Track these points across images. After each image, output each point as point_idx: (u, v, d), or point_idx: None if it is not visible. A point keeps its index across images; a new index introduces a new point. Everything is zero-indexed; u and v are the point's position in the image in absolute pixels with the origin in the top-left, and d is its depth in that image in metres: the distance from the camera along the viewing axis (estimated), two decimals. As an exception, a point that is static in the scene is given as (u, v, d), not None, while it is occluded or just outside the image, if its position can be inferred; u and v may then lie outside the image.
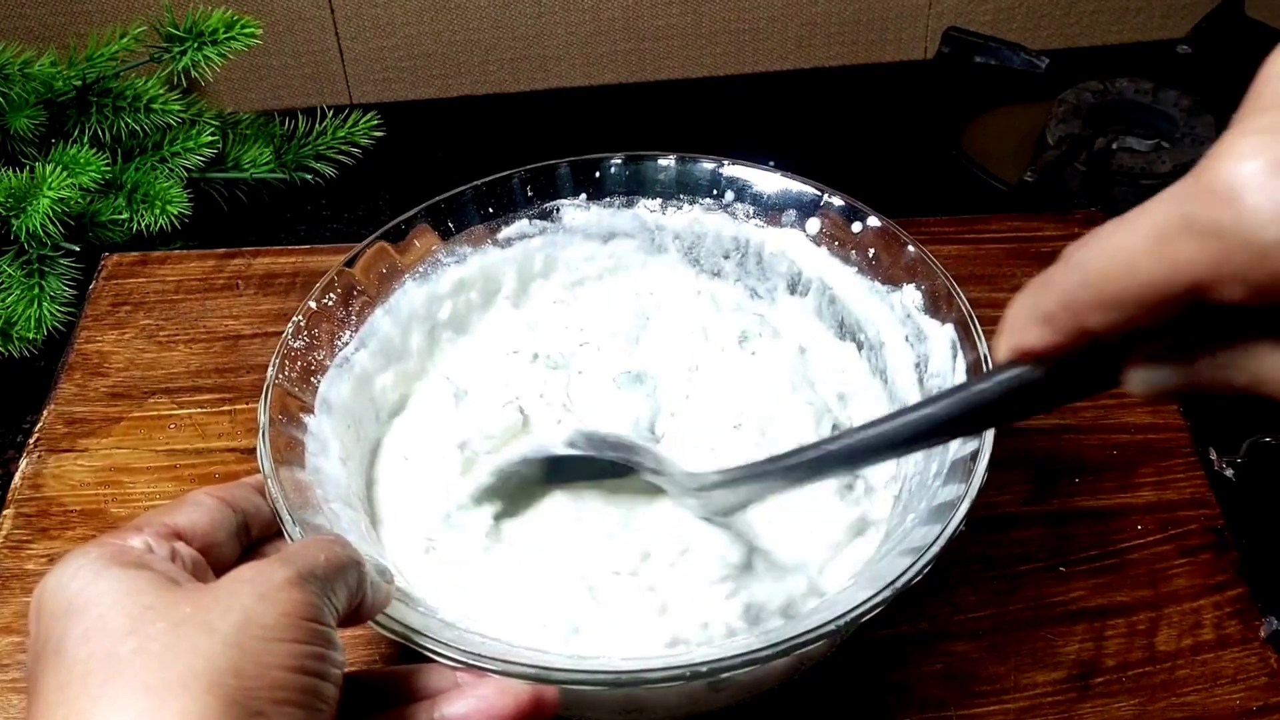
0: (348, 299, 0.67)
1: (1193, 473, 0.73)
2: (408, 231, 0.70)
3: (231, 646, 0.42)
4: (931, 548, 0.53)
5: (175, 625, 0.42)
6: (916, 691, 0.63)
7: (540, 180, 0.74)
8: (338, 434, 0.63)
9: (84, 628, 0.43)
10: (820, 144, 1.10)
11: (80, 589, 0.44)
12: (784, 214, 0.73)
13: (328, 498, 0.59)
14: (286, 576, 0.45)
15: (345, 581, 0.48)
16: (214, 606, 0.43)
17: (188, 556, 0.49)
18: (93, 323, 0.83)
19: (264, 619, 0.43)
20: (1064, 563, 0.68)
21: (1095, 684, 0.63)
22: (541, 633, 0.57)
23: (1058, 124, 1.03)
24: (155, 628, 0.42)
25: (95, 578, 0.45)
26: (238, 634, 0.42)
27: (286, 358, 0.63)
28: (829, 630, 0.51)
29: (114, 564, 0.45)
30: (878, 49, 1.18)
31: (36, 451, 0.75)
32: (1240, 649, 0.65)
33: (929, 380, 0.65)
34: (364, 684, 0.51)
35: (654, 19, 1.14)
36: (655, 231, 0.76)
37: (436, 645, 0.51)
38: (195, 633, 0.42)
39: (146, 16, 0.97)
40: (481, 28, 1.13)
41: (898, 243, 0.69)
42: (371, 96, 1.16)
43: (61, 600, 0.44)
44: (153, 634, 0.42)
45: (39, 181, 0.86)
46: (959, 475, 0.57)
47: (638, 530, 0.61)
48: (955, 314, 0.64)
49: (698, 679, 0.50)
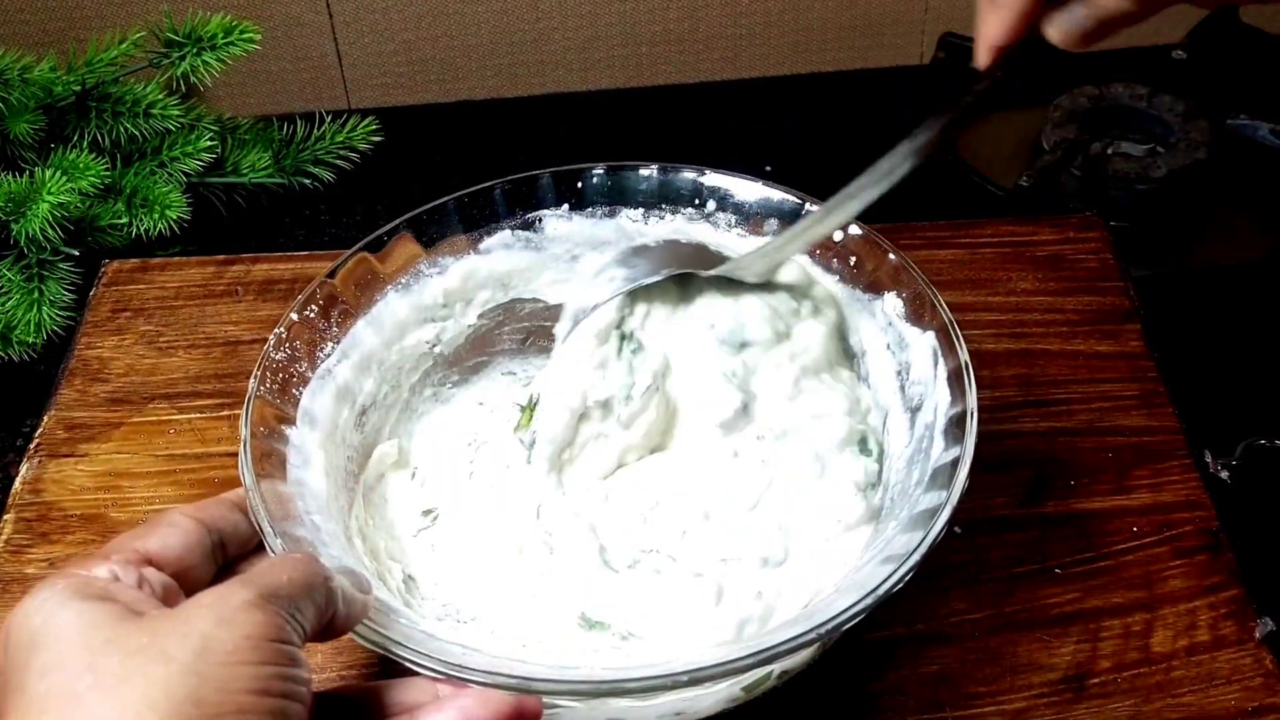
0: (329, 310, 0.67)
1: (1188, 475, 0.73)
2: (389, 242, 0.70)
3: (190, 674, 0.42)
4: (912, 555, 0.53)
5: (130, 656, 0.42)
6: (912, 694, 0.64)
7: (522, 191, 0.73)
8: (321, 444, 0.63)
9: (43, 663, 0.43)
10: (816, 149, 1.10)
11: (42, 623, 0.44)
12: (765, 223, 0.73)
13: (309, 510, 0.59)
14: (247, 598, 0.45)
15: (312, 598, 0.47)
16: (170, 634, 0.43)
17: (157, 582, 0.49)
18: (93, 329, 0.84)
19: (224, 644, 0.43)
20: (1059, 564, 0.69)
21: (1091, 685, 0.64)
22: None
23: (1053, 129, 1.03)
24: (111, 661, 0.42)
25: (58, 610, 0.44)
26: (195, 661, 0.42)
27: (268, 370, 0.63)
28: (809, 639, 0.51)
29: (76, 597, 0.45)
30: (874, 54, 1.18)
31: (37, 456, 0.76)
32: (1236, 650, 0.65)
33: (910, 388, 0.65)
34: (340, 700, 0.51)
35: (650, 25, 1.14)
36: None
37: (416, 656, 0.51)
38: (150, 663, 0.42)
39: (146, 22, 0.97)
40: (479, 33, 1.13)
41: (879, 250, 0.69)
42: (370, 101, 1.17)
43: (25, 634, 0.44)
44: (108, 667, 0.42)
45: (39, 186, 0.87)
46: (940, 483, 0.57)
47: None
48: (936, 321, 0.65)
49: (678, 688, 0.50)
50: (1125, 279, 0.83)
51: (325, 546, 0.56)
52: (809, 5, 1.14)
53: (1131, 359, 0.79)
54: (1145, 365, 0.79)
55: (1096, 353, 0.79)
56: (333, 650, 0.65)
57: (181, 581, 0.51)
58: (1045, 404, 0.77)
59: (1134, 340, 0.80)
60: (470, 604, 0.63)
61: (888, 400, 0.66)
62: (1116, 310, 0.81)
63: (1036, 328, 0.81)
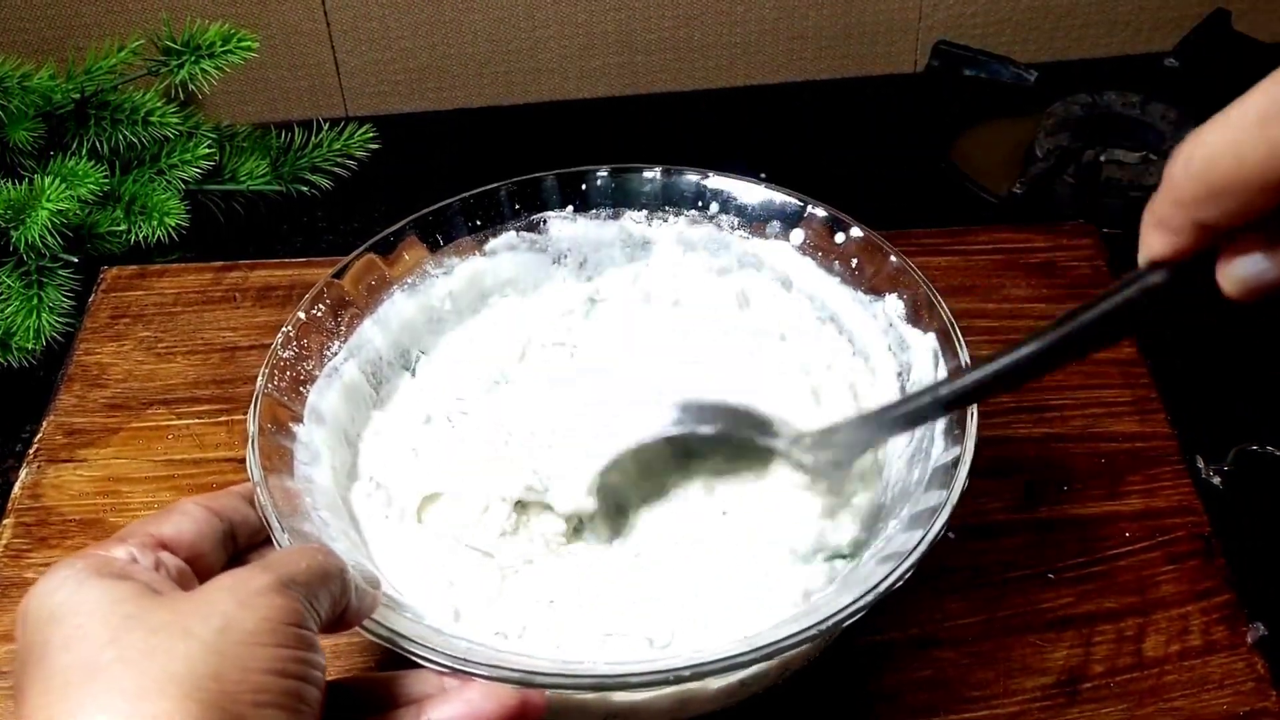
0: (337, 310, 0.68)
1: (1180, 481, 0.74)
2: (396, 243, 0.71)
3: (211, 651, 0.43)
4: (913, 554, 0.54)
5: (154, 631, 0.43)
6: (906, 698, 0.64)
7: (527, 192, 0.74)
8: (328, 443, 0.64)
9: (65, 636, 0.44)
10: (811, 156, 1.11)
11: (64, 599, 0.45)
12: (768, 225, 0.73)
13: (317, 505, 0.59)
14: (267, 582, 0.46)
15: (328, 588, 0.49)
16: (193, 613, 0.44)
17: (172, 566, 0.50)
18: (92, 335, 0.84)
19: (244, 624, 0.44)
20: (1052, 569, 0.69)
21: (1084, 689, 0.64)
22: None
23: (1046, 136, 1.04)
24: (134, 635, 0.43)
25: (79, 588, 0.45)
26: (217, 639, 0.43)
27: (276, 368, 0.64)
28: (810, 635, 0.51)
29: (97, 575, 0.46)
30: (868, 62, 1.19)
31: (36, 461, 0.76)
32: (1227, 654, 0.65)
33: (911, 389, 0.66)
34: (350, 690, 0.52)
35: (646, 33, 1.14)
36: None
37: (423, 650, 0.51)
38: (173, 639, 0.43)
39: (144, 30, 0.98)
40: (476, 41, 1.14)
41: (880, 253, 0.70)
42: (367, 109, 1.17)
43: (45, 610, 0.45)
44: (131, 641, 0.43)
45: (38, 193, 0.87)
46: (940, 482, 0.57)
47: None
48: (937, 323, 0.65)
49: (680, 682, 0.51)
50: (1118, 286, 0.84)
51: (334, 542, 0.56)
52: (803, 13, 1.14)
53: (1124, 365, 0.79)
54: (1138, 371, 0.79)
55: (1089, 359, 0.80)
56: (329, 654, 0.65)
57: (194, 568, 0.51)
58: (1038, 410, 0.77)
59: (1127, 346, 0.80)
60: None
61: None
62: (1109, 317, 0.82)
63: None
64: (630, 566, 0.62)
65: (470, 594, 0.60)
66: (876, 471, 0.65)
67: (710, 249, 0.75)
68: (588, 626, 0.59)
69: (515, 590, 0.61)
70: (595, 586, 0.61)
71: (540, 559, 0.62)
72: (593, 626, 0.59)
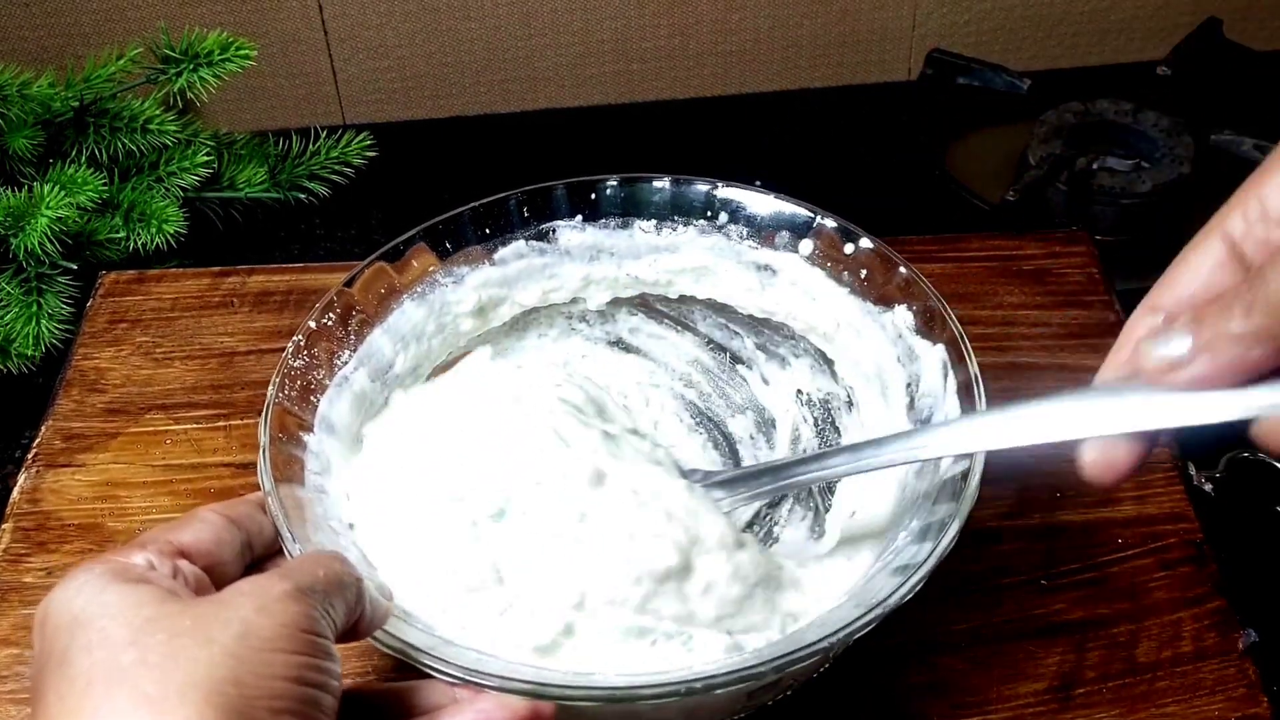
0: (346, 319, 0.68)
1: (1172, 488, 0.74)
2: (405, 252, 0.71)
3: (230, 657, 0.43)
4: (923, 566, 0.54)
5: (175, 636, 0.43)
6: (900, 703, 0.64)
7: (537, 202, 0.74)
8: (339, 452, 0.64)
9: (87, 639, 0.44)
10: (805, 164, 1.11)
11: (85, 603, 0.45)
12: (778, 235, 0.74)
13: (328, 515, 0.59)
14: (285, 589, 0.46)
15: (344, 596, 0.49)
16: (214, 619, 0.44)
17: (190, 573, 0.50)
18: (90, 340, 0.84)
19: (263, 630, 0.44)
20: (1045, 576, 0.69)
21: (1077, 695, 0.64)
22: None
23: (1039, 144, 1.04)
24: (155, 639, 0.43)
25: (99, 592, 0.46)
26: (236, 645, 0.43)
27: (286, 377, 0.64)
28: (821, 648, 0.52)
29: (117, 579, 0.46)
30: (862, 71, 1.19)
31: (35, 466, 0.76)
32: (1219, 661, 0.66)
33: (920, 400, 0.66)
34: (362, 699, 0.52)
35: (642, 41, 1.15)
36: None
37: (435, 661, 0.51)
38: (195, 644, 0.43)
39: (143, 38, 0.98)
40: (473, 50, 1.14)
41: (890, 264, 0.70)
42: (364, 117, 1.18)
43: (66, 614, 0.45)
44: (153, 645, 0.43)
45: (37, 201, 0.87)
46: (950, 494, 0.58)
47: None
48: (946, 334, 0.65)
49: (692, 695, 0.51)
50: (1110, 293, 0.84)
51: (345, 552, 0.56)
52: (798, 22, 1.15)
53: (1116, 373, 0.80)
54: (1130, 379, 0.79)
55: (1083, 366, 0.80)
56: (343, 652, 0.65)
57: (211, 576, 0.52)
58: (1032, 417, 0.77)
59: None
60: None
61: (896, 413, 0.67)
62: (1102, 324, 0.82)
63: (1023, 341, 0.82)
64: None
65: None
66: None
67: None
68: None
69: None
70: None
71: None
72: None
